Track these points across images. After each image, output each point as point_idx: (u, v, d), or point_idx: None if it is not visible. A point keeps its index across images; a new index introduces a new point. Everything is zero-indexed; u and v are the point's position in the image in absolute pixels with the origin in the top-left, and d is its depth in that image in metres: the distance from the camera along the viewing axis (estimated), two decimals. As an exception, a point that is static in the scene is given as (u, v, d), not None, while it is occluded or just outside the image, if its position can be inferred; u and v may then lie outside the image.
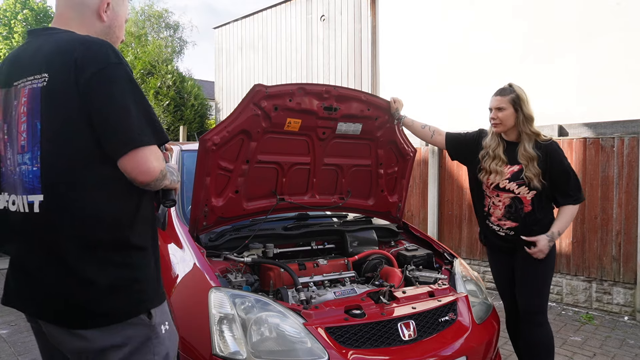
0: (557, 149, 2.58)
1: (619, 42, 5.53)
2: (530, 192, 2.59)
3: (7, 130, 1.38)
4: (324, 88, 2.58)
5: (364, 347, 2.04)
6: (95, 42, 1.32)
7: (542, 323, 2.64)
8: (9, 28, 24.28)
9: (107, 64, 1.27)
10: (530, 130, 2.57)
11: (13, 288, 1.43)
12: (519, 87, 2.63)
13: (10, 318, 4.27)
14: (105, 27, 1.47)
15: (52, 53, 1.31)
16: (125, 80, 1.29)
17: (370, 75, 8.45)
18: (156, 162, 1.30)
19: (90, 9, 1.44)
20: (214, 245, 2.59)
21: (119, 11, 1.50)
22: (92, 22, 1.45)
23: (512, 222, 2.65)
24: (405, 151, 3.08)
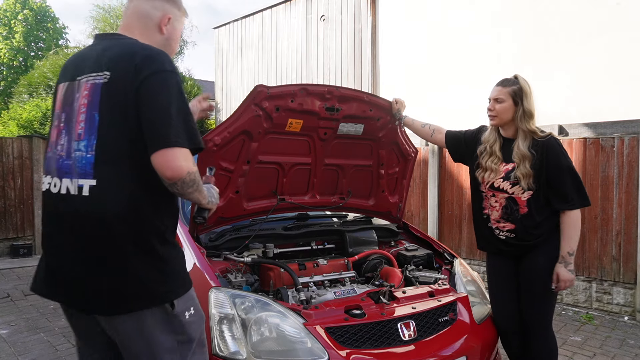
0: (555, 145, 2.36)
1: (619, 42, 5.53)
2: (526, 193, 2.38)
3: (65, 119, 1.52)
4: (326, 89, 2.58)
5: (364, 347, 2.04)
6: (154, 50, 1.48)
7: (547, 337, 2.47)
8: (9, 28, 24.26)
9: (162, 70, 1.43)
10: (527, 127, 2.37)
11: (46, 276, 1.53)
12: (525, 79, 2.45)
13: (10, 318, 4.28)
14: (163, 39, 1.65)
15: (116, 55, 1.46)
16: (173, 87, 1.43)
17: (370, 75, 8.45)
18: (184, 162, 1.39)
19: (153, 22, 1.62)
20: (214, 245, 2.59)
21: (177, 26, 1.69)
22: (153, 34, 1.63)
23: (510, 223, 2.46)
24: (406, 152, 3.08)
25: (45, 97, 12.12)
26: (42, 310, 4.52)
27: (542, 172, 2.35)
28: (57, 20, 26.08)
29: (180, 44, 16.95)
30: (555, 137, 2.39)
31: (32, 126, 9.85)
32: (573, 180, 2.35)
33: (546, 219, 2.40)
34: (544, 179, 2.35)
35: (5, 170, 6.84)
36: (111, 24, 15.06)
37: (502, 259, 2.58)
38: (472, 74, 6.77)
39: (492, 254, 2.65)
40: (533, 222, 2.40)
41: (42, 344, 3.71)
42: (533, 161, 2.34)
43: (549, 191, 2.37)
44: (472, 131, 2.72)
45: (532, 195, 2.39)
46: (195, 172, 1.45)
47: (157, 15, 1.63)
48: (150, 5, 1.62)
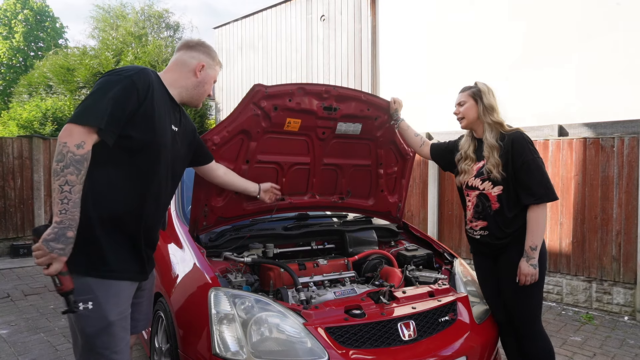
0: (521, 139, 2.40)
1: (619, 42, 5.53)
2: (496, 188, 2.43)
3: None
4: (323, 88, 2.58)
5: (364, 347, 2.04)
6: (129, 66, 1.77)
7: (537, 336, 2.47)
8: (9, 28, 24.26)
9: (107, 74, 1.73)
10: (491, 119, 2.46)
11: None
12: (483, 83, 2.58)
13: (10, 318, 4.28)
14: (197, 82, 1.98)
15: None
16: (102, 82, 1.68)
17: (370, 75, 8.45)
18: (62, 132, 1.58)
19: (188, 68, 1.97)
20: (214, 245, 2.59)
21: (210, 73, 2.03)
22: (188, 77, 1.96)
23: (482, 221, 2.52)
24: (405, 151, 3.08)
25: (45, 97, 12.11)
26: (42, 310, 4.52)
27: (509, 165, 2.39)
28: (57, 20, 26.08)
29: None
30: (521, 132, 2.44)
31: (32, 126, 9.84)
32: (538, 174, 2.36)
33: (517, 216, 2.42)
34: (511, 172, 2.39)
35: (5, 170, 6.84)
36: (111, 24, 15.06)
37: (483, 258, 2.66)
38: (471, 74, 6.75)
39: (473, 253, 2.75)
40: (504, 219, 2.43)
41: (42, 344, 3.71)
42: (501, 152, 2.41)
43: (516, 185, 2.40)
44: (454, 141, 2.80)
45: (502, 191, 2.42)
46: (63, 144, 1.55)
47: (193, 63, 1.97)
48: (189, 56, 1.98)
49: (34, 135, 7.27)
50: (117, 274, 1.73)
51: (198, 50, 2.00)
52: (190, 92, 1.98)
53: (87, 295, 1.65)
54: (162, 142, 1.81)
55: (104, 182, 1.69)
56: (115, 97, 1.63)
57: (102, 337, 1.69)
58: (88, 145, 1.58)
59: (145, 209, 1.79)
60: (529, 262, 2.35)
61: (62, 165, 1.53)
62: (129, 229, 1.76)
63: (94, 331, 1.68)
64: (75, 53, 13.39)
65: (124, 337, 1.77)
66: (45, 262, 1.52)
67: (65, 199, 1.52)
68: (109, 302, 1.70)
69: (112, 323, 1.71)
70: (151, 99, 1.73)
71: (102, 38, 14.28)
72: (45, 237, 1.51)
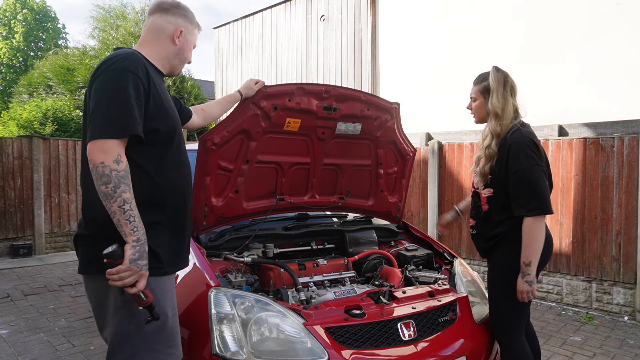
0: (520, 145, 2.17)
1: (619, 42, 5.53)
2: (486, 190, 2.32)
3: None
4: (323, 88, 2.58)
5: (364, 347, 2.04)
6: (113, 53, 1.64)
7: (509, 345, 2.32)
8: (9, 28, 24.26)
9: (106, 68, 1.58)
10: (491, 127, 2.28)
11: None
12: (497, 73, 2.32)
13: (10, 318, 4.28)
14: (176, 49, 1.84)
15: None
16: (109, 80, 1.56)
17: (370, 75, 8.45)
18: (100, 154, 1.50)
19: (165, 34, 1.81)
20: (214, 245, 2.59)
21: (189, 38, 1.88)
22: (166, 44, 1.82)
23: (473, 219, 2.45)
24: (405, 151, 3.08)
25: (45, 97, 12.11)
26: (42, 310, 4.52)
27: (503, 170, 2.23)
28: (57, 20, 26.09)
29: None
30: (523, 135, 2.20)
31: (32, 126, 9.83)
32: (532, 183, 2.15)
33: (503, 222, 2.27)
34: (504, 177, 2.23)
35: (5, 170, 6.84)
36: (111, 24, 15.06)
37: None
38: (471, 74, 6.75)
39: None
40: (491, 222, 2.33)
41: (42, 344, 3.71)
42: (496, 159, 2.25)
43: (509, 193, 2.23)
44: None
45: (492, 194, 2.30)
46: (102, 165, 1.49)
47: (170, 28, 1.82)
48: (164, 20, 1.81)
49: (34, 135, 7.26)
50: (169, 269, 1.74)
51: (174, 14, 1.83)
52: (171, 62, 1.84)
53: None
54: (177, 124, 1.78)
55: (147, 183, 1.63)
56: (129, 97, 1.54)
57: (160, 334, 1.68)
58: (124, 157, 1.53)
59: (187, 198, 1.77)
60: (524, 279, 2.17)
61: (112, 187, 1.48)
62: (175, 223, 1.75)
63: (153, 329, 1.65)
64: (75, 53, 13.39)
65: (178, 330, 1.78)
66: (133, 281, 1.51)
67: (131, 217, 1.50)
68: (165, 298, 1.70)
69: (169, 318, 1.71)
70: (153, 84, 1.66)
71: (102, 38, 14.27)
72: (131, 257, 1.49)
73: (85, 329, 4.01)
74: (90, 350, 3.59)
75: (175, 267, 1.80)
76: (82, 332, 3.96)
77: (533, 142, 2.20)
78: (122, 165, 1.51)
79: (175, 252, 1.77)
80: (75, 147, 7.54)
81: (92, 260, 1.63)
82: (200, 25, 1.96)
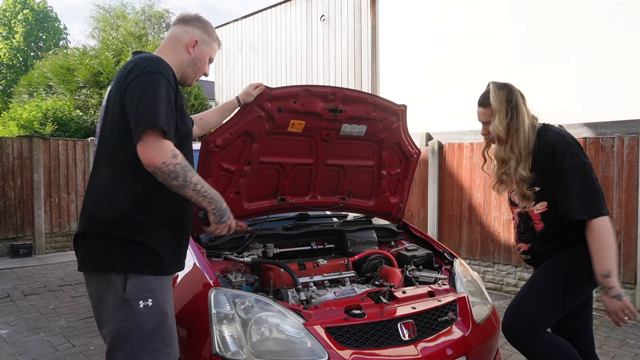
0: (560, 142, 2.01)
1: (619, 42, 5.53)
2: (539, 205, 2.04)
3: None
4: (329, 90, 2.57)
5: (364, 347, 2.04)
6: (146, 56, 1.69)
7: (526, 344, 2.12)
8: (9, 28, 24.26)
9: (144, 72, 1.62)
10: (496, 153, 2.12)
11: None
12: (499, 90, 2.12)
13: (10, 318, 4.28)
14: (190, 58, 1.90)
15: (124, 66, 1.69)
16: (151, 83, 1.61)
17: (370, 75, 8.45)
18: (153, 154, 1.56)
19: (181, 43, 1.89)
20: (214, 245, 2.59)
21: (205, 49, 1.94)
22: (181, 53, 1.88)
23: (524, 243, 2.22)
24: (409, 153, 3.07)
25: (45, 97, 12.11)
26: (42, 310, 4.52)
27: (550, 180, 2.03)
28: (58, 21, 26.10)
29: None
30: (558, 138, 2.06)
31: (32, 126, 9.83)
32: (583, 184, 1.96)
33: (562, 234, 2.07)
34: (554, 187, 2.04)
35: (5, 170, 6.84)
36: (111, 24, 15.06)
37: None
38: (471, 74, 6.77)
39: None
40: (549, 240, 2.10)
41: (42, 344, 3.71)
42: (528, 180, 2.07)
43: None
44: None
45: (548, 207, 2.05)
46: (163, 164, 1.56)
47: (186, 38, 1.89)
48: (182, 30, 1.91)
49: (34, 135, 7.27)
50: (169, 269, 1.78)
51: (193, 25, 1.92)
52: (184, 70, 1.90)
53: (146, 293, 1.68)
54: (191, 128, 1.88)
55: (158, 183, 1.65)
56: (168, 99, 1.63)
57: (159, 332, 1.71)
58: (176, 148, 1.61)
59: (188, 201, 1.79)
60: (610, 295, 1.87)
61: (182, 178, 1.60)
62: (176, 224, 1.79)
63: (153, 327, 1.68)
64: (75, 53, 13.39)
65: (175, 330, 1.82)
66: (227, 231, 1.79)
67: (204, 193, 1.67)
68: (165, 298, 1.74)
69: (168, 317, 1.75)
70: (178, 89, 1.74)
71: (103, 38, 14.28)
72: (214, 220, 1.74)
73: (85, 329, 4.01)
74: (90, 350, 3.59)
75: (176, 268, 1.84)
76: (82, 332, 3.96)
77: (574, 139, 2.03)
78: (179, 156, 1.60)
79: (174, 253, 1.81)
80: (75, 147, 7.54)
81: (94, 258, 1.67)
82: (220, 40, 2.02)
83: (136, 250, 1.67)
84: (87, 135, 9.94)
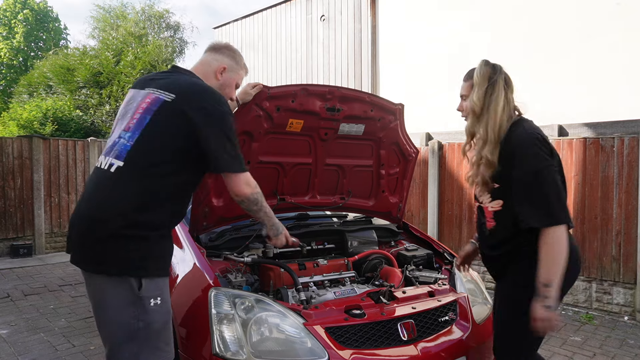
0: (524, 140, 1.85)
1: (619, 42, 5.53)
2: (494, 202, 1.92)
3: (122, 115, 1.88)
4: (327, 89, 2.58)
5: (364, 347, 2.04)
6: (212, 90, 1.87)
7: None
8: (9, 28, 24.26)
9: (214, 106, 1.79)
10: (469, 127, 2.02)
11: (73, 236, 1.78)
12: (484, 67, 2.00)
13: (10, 318, 4.28)
14: (218, 84, 2.03)
15: (187, 85, 1.85)
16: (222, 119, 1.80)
17: (370, 75, 8.44)
18: (245, 187, 1.86)
19: (211, 69, 2.03)
20: (214, 245, 2.59)
21: (232, 76, 2.07)
22: (211, 78, 2.01)
23: (479, 240, 2.15)
24: (407, 152, 3.08)
25: (45, 97, 12.12)
26: (42, 310, 4.52)
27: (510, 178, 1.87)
28: (59, 21, 26.10)
29: (180, 45, 16.63)
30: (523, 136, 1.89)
31: (32, 126, 9.84)
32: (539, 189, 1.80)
33: (515, 237, 1.90)
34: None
35: (5, 170, 6.84)
36: (111, 24, 15.05)
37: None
38: (472, 74, 6.76)
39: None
40: (498, 241, 1.97)
41: (42, 344, 3.71)
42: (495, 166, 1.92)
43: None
44: None
45: (502, 207, 1.91)
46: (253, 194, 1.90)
47: (215, 65, 2.03)
48: (213, 57, 2.06)
49: (34, 135, 7.26)
50: (169, 270, 1.88)
51: (222, 53, 2.07)
52: None
53: (157, 291, 1.74)
54: None
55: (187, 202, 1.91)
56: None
57: (164, 331, 1.77)
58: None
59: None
60: (542, 304, 1.74)
61: (260, 204, 1.96)
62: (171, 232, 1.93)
63: (160, 325, 1.75)
64: (75, 53, 13.38)
65: (171, 329, 1.86)
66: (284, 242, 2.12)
67: (270, 214, 2.04)
68: (168, 297, 1.82)
69: (171, 316, 1.82)
70: None
71: (103, 38, 14.27)
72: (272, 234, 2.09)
73: (85, 329, 4.01)
74: (90, 350, 3.59)
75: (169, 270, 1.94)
76: (82, 332, 3.96)
77: (541, 137, 1.85)
78: (257, 186, 1.93)
79: (171, 256, 1.90)
80: (75, 147, 7.54)
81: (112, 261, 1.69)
82: (247, 68, 2.18)
83: (151, 256, 1.74)
84: (87, 135, 9.94)
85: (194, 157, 1.78)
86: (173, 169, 1.75)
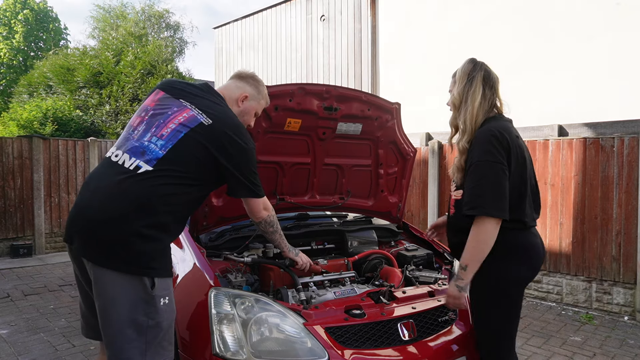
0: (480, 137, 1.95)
1: (619, 42, 5.53)
2: (457, 192, 2.08)
3: (151, 115, 1.92)
4: (324, 88, 2.58)
5: (364, 347, 2.04)
6: (243, 127, 2.01)
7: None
8: (9, 28, 24.26)
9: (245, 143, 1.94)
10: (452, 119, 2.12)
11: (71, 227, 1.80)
12: (467, 65, 2.09)
13: (10, 318, 4.28)
14: (239, 111, 2.11)
15: (223, 116, 1.94)
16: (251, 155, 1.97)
17: (370, 75, 8.45)
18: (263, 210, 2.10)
19: (234, 96, 2.12)
20: (214, 245, 2.59)
21: (252, 104, 2.16)
22: (232, 104, 2.10)
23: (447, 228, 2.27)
24: (405, 151, 3.08)
25: (45, 97, 12.11)
26: (42, 310, 4.52)
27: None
28: (58, 21, 26.10)
29: (180, 44, 16.71)
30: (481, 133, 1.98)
31: (32, 126, 9.84)
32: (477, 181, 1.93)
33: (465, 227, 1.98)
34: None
35: (5, 170, 6.84)
36: (111, 24, 15.06)
37: None
38: (472, 74, 6.76)
39: None
40: (455, 227, 2.12)
41: (42, 344, 3.71)
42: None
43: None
44: None
45: (462, 196, 2.02)
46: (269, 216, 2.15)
47: (237, 92, 2.13)
48: (236, 85, 2.15)
49: (34, 135, 7.26)
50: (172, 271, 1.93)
51: (246, 82, 2.16)
52: None
53: (166, 291, 1.81)
54: None
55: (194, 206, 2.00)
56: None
57: (169, 331, 1.82)
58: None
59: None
60: (455, 283, 1.96)
61: (276, 226, 2.19)
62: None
63: (168, 324, 1.81)
64: (75, 53, 13.38)
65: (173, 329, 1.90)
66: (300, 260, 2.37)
67: (283, 236, 2.26)
68: (173, 297, 1.87)
69: (175, 316, 1.88)
70: None
71: (103, 38, 14.28)
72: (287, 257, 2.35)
73: (85, 329, 4.01)
74: (90, 350, 3.59)
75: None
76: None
77: (498, 135, 1.92)
78: (273, 210, 2.15)
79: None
80: (75, 147, 7.54)
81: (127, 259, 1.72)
82: (268, 98, 2.25)
83: (163, 257, 1.82)
84: (87, 135, 9.94)
85: (215, 178, 1.94)
86: (195, 183, 1.87)
